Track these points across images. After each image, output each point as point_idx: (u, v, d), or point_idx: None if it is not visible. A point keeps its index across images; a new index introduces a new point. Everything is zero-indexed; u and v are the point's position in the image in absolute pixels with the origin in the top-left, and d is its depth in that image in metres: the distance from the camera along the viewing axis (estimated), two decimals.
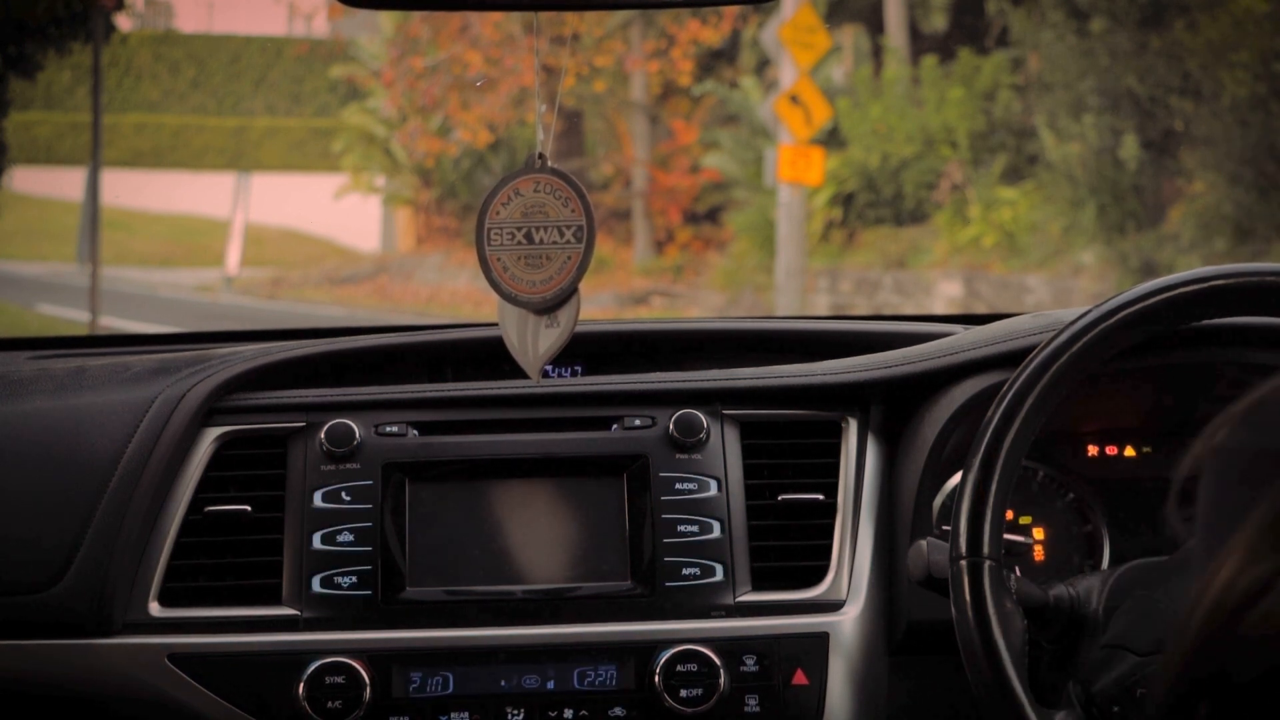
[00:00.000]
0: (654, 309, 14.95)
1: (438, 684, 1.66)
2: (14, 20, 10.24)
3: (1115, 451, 1.89)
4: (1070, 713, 1.45)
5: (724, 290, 14.81)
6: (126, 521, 1.66)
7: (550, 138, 1.43)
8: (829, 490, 1.76)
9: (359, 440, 1.72)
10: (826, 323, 2.07)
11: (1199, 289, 1.50)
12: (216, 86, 24.63)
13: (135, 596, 1.67)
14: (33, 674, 1.66)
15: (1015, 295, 13.08)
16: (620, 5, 1.61)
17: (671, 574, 1.69)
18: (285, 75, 24.47)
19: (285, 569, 1.69)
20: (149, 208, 21.10)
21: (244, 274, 17.41)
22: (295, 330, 2.12)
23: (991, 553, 1.44)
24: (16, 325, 12.90)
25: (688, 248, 16.38)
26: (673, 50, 15.64)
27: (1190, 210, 12.16)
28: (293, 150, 23.68)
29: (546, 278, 1.43)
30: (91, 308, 10.98)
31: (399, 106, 16.50)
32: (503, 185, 1.44)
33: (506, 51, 15.05)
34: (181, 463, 1.71)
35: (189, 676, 1.64)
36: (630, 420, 1.77)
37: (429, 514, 1.71)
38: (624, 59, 16.05)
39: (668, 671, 1.65)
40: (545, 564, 1.70)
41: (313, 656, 1.64)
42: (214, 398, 1.75)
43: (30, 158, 20.44)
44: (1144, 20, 12.30)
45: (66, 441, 1.71)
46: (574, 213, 1.43)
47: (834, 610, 1.71)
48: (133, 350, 2.01)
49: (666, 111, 16.82)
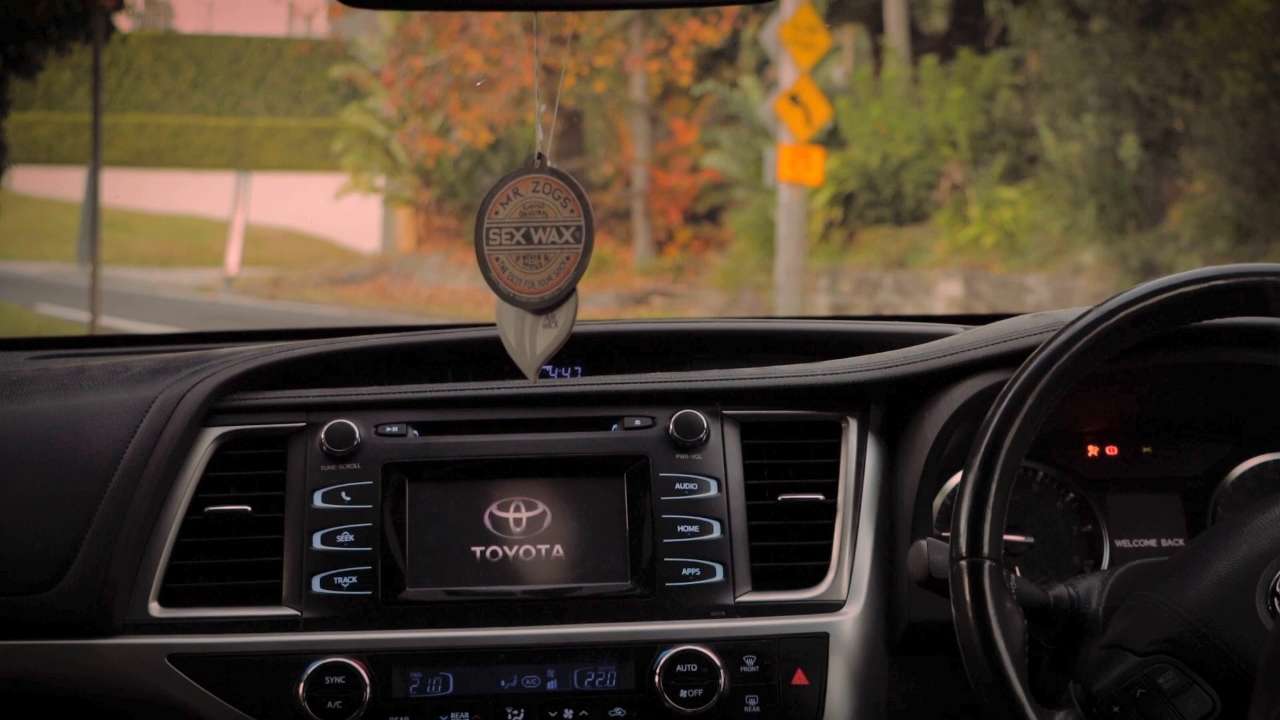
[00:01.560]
0: (654, 309, 14.95)
1: (438, 684, 1.66)
2: (14, 20, 10.24)
3: (1115, 451, 1.89)
4: (1070, 713, 1.45)
5: (724, 290, 14.82)
6: (126, 521, 1.66)
7: (550, 138, 1.43)
8: (829, 490, 1.76)
9: (359, 440, 1.72)
10: (826, 323, 2.07)
11: (1199, 289, 1.50)
12: (216, 86, 24.64)
13: (135, 596, 1.66)
14: (33, 674, 1.66)
15: (1015, 295, 13.09)
16: (620, 5, 1.61)
17: (671, 574, 1.69)
18: (285, 75, 24.47)
19: (285, 569, 1.69)
20: (149, 208, 21.11)
21: (244, 274, 17.41)
22: (295, 330, 2.12)
23: (991, 553, 1.44)
24: (16, 325, 12.90)
25: (688, 248, 16.39)
26: (673, 50, 15.65)
27: (1190, 210, 12.17)
28: (293, 150, 23.69)
29: (545, 278, 1.43)
30: (91, 308, 10.98)
31: (399, 106, 16.51)
32: (502, 185, 1.44)
33: (506, 51, 15.05)
34: (181, 463, 1.71)
35: (189, 677, 1.64)
36: (630, 420, 1.77)
37: (429, 514, 1.71)
38: (624, 59, 16.06)
39: (668, 672, 1.65)
40: (545, 564, 1.70)
41: (313, 657, 1.64)
42: (214, 398, 1.75)
43: (30, 158, 20.45)
44: (1144, 20, 12.30)
45: (66, 441, 1.70)
46: (573, 213, 1.43)
47: (834, 610, 1.71)
48: (133, 350, 2.01)
49: (666, 111, 16.82)
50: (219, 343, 2.02)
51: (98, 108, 11.55)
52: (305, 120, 23.90)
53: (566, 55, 8.80)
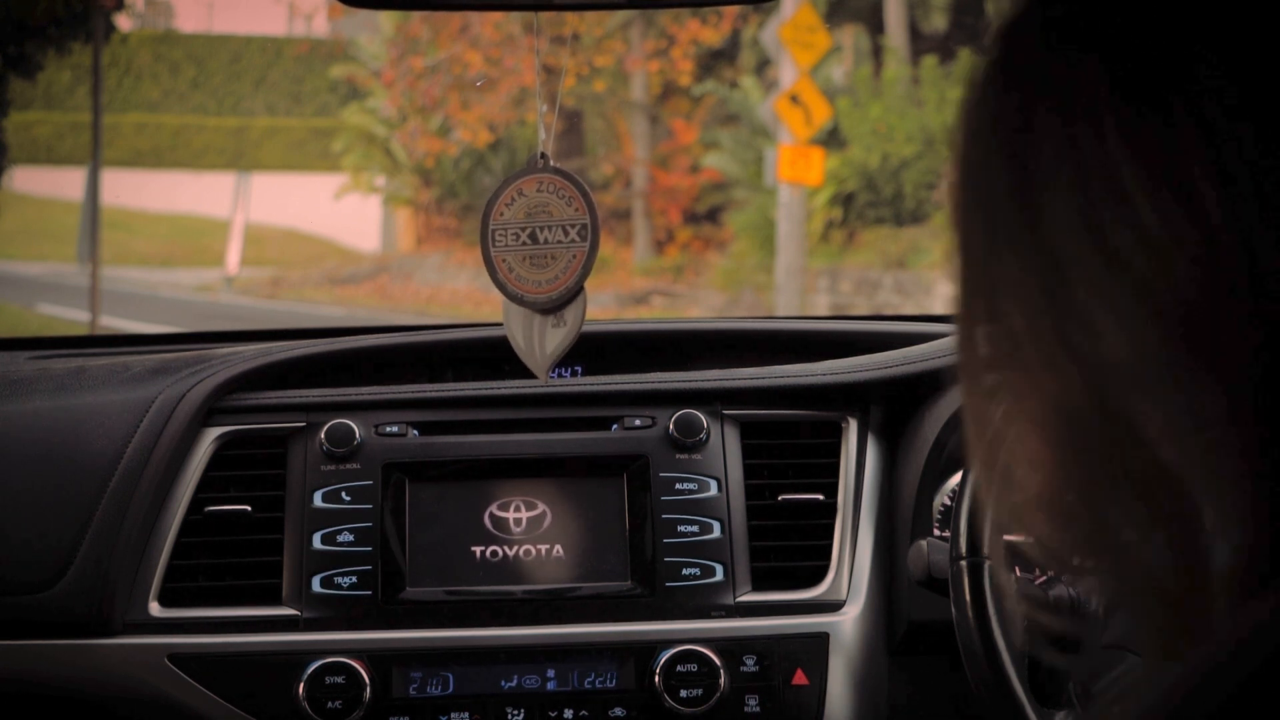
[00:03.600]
0: (654, 309, 14.95)
1: (438, 684, 1.66)
2: (14, 20, 10.25)
3: None
4: (1070, 713, 1.45)
5: (724, 290, 14.81)
6: (126, 521, 1.66)
7: (551, 137, 1.43)
8: (829, 490, 1.76)
9: (359, 440, 1.72)
10: (826, 323, 2.07)
11: None
12: (216, 86, 24.64)
13: (135, 596, 1.67)
14: (33, 674, 1.66)
15: None
16: (620, 5, 1.61)
17: (672, 574, 1.69)
18: (285, 75, 24.47)
19: (285, 569, 1.69)
20: (149, 208, 21.11)
21: (244, 274, 17.41)
22: (295, 330, 2.12)
23: (992, 553, 1.44)
24: (16, 325, 12.90)
25: (688, 248, 16.38)
26: (673, 50, 15.64)
27: None
28: (293, 150, 23.69)
29: (552, 277, 1.43)
30: (91, 308, 10.98)
31: (399, 106, 16.50)
32: (506, 186, 1.43)
33: (506, 51, 15.05)
34: (181, 463, 1.71)
35: (189, 676, 1.64)
36: (630, 420, 1.77)
37: (429, 514, 1.71)
38: (624, 59, 16.06)
39: (668, 671, 1.65)
40: (545, 564, 1.70)
41: (313, 656, 1.64)
42: (214, 398, 1.75)
43: (30, 158, 20.45)
44: None
45: (66, 441, 1.70)
46: (578, 211, 1.43)
47: (834, 610, 1.71)
48: (133, 350, 2.01)
49: (666, 111, 16.82)
50: (219, 343, 2.02)
51: (98, 108, 11.56)
52: (305, 120, 23.90)
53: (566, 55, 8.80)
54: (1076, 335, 0.60)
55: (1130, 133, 0.59)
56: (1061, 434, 0.62)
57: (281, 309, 15.70)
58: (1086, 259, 0.60)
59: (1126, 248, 0.59)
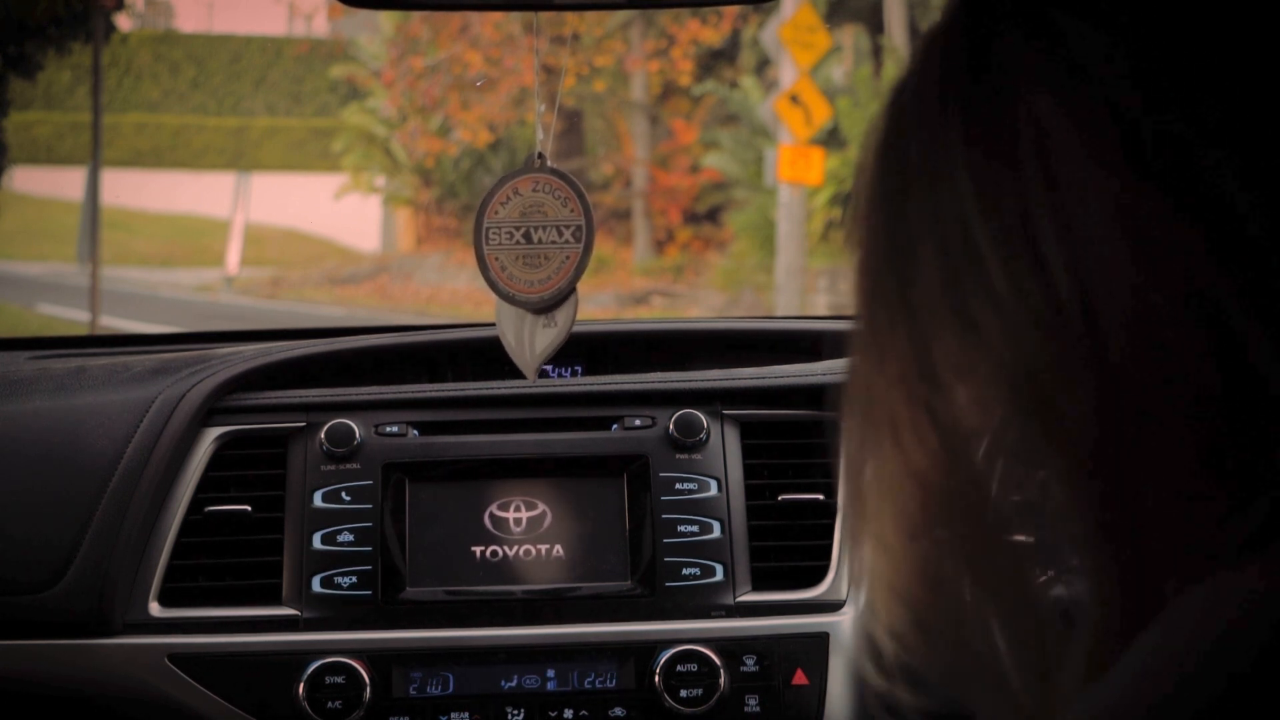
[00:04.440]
0: (654, 309, 14.95)
1: (438, 684, 1.66)
2: (14, 20, 10.25)
3: None
4: None
5: (724, 290, 14.82)
6: (126, 521, 1.66)
7: (550, 138, 1.43)
8: (829, 490, 1.76)
9: (359, 440, 1.72)
10: (826, 323, 2.07)
11: None
12: (216, 86, 24.65)
13: (135, 596, 1.66)
14: (33, 674, 1.66)
15: None
16: (620, 5, 1.61)
17: (672, 574, 1.69)
18: (285, 75, 24.49)
19: (285, 569, 1.69)
20: (149, 208, 21.12)
21: (244, 274, 17.41)
22: (295, 330, 2.12)
23: None
24: (16, 325, 12.90)
25: (688, 248, 16.39)
26: (673, 50, 15.65)
27: None
28: (293, 150, 23.70)
29: (544, 277, 1.43)
30: (91, 308, 10.98)
31: (399, 106, 16.51)
32: (502, 185, 1.44)
33: (506, 51, 15.06)
34: (181, 463, 1.71)
35: (189, 676, 1.64)
36: (630, 420, 1.77)
37: (429, 514, 1.71)
38: (624, 59, 16.06)
39: (668, 671, 1.65)
40: (545, 564, 1.70)
41: (313, 656, 1.64)
42: (214, 398, 1.75)
43: (30, 158, 20.46)
44: None
45: (66, 441, 1.71)
46: (573, 212, 1.43)
47: (834, 610, 1.71)
48: (133, 350, 2.01)
49: (666, 111, 16.82)
50: (219, 343, 2.02)
51: (98, 108, 11.56)
52: (305, 120, 23.91)
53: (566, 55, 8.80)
54: (936, 401, 0.60)
55: (981, 191, 0.58)
56: (918, 505, 0.62)
57: (281, 309, 15.71)
58: (946, 324, 0.60)
59: (981, 313, 0.58)
